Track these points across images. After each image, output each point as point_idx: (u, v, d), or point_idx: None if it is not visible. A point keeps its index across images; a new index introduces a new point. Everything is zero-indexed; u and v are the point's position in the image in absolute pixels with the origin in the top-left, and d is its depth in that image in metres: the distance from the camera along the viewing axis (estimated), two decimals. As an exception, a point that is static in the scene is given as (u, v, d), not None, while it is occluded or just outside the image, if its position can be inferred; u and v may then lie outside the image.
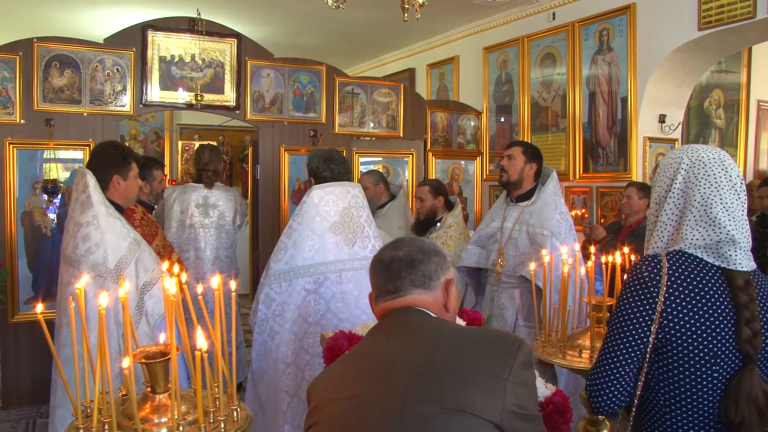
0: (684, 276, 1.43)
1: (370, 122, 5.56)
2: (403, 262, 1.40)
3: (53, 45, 4.42)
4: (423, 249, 1.43)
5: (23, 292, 4.35)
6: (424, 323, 1.35)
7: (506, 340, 1.27)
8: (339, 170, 2.91)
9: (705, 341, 1.40)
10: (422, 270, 1.40)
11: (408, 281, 1.39)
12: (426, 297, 1.39)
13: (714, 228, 1.44)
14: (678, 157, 1.54)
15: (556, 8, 5.48)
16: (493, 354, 1.23)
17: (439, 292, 1.41)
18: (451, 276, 1.45)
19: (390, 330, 1.36)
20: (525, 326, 3.25)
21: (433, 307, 1.39)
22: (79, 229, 2.51)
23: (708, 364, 1.40)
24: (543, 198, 3.29)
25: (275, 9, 5.91)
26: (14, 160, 4.30)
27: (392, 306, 1.39)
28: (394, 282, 1.40)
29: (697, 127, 5.97)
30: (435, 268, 1.41)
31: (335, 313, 2.74)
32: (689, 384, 1.42)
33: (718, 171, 1.48)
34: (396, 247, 1.44)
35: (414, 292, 1.39)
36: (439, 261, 1.43)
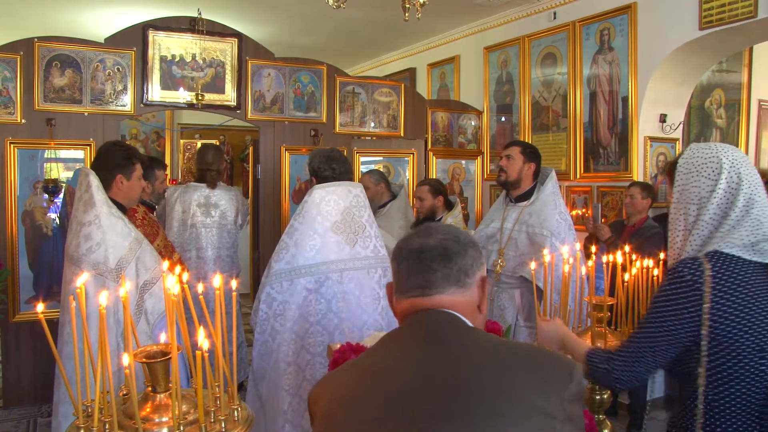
0: (727, 276, 1.48)
1: (371, 122, 5.56)
2: (435, 252, 1.18)
3: (54, 45, 4.43)
4: (459, 239, 1.21)
5: (24, 292, 4.36)
6: (459, 334, 1.14)
7: (557, 365, 1.08)
8: (340, 170, 2.91)
9: (752, 337, 1.45)
10: (458, 264, 1.18)
11: (441, 276, 1.17)
12: (460, 297, 1.18)
13: (755, 227, 1.50)
14: (714, 156, 1.57)
15: (557, 8, 5.47)
16: (541, 382, 1.04)
17: (475, 290, 1.20)
18: (485, 273, 1.25)
19: (416, 339, 1.15)
20: (525, 326, 3.25)
21: (466, 309, 1.19)
22: (81, 228, 2.53)
23: (756, 358, 1.45)
24: (542, 198, 3.29)
25: (276, 9, 5.91)
26: (15, 160, 4.31)
27: (420, 305, 1.18)
28: (425, 275, 1.17)
29: (698, 126, 5.97)
30: (471, 263, 1.20)
31: (336, 312, 2.74)
32: (737, 379, 1.47)
33: (753, 170, 1.55)
34: (427, 234, 1.22)
35: (448, 290, 1.17)
36: (475, 255, 1.21)
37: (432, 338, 1.13)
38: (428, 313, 1.17)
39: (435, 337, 1.13)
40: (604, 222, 4.62)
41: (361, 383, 1.14)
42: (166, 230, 4.20)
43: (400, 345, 1.16)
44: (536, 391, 1.02)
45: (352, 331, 2.72)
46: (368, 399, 1.09)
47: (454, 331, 1.14)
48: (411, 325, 1.18)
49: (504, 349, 1.12)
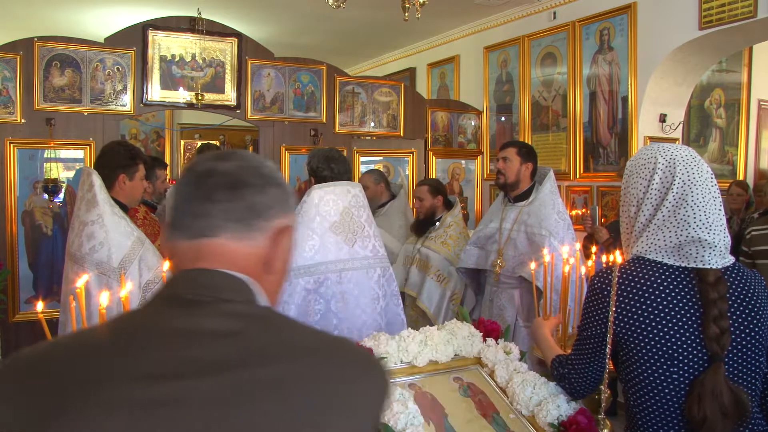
0: (634, 284, 1.44)
1: (371, 121, 5.56)
2: (222, 180, 0.88)
3: (54, 44, 4.43)
4: (261, 171, 0.92)
5: (24, 292, 4.36)
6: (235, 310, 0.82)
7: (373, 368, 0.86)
8: (339, 170, 2.91)
9: (659, 344, 1.40)
10: (249, 199, 0.88)
11: (221, 209, 0.87)
12: (239, 244, 0.87)
13: (680, 229, 1.43)
14: (651, 157, 1.51)
15: (557, 8, 5.47)
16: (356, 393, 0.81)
17: (265, 241, 0.90)
18: (289, 224, 0.93)
19: (171, 316, 0.81)
20: (525, 327, 3.25)
21: (248, 263, 0.88)
22: (84, 227, 2.54)
23: (666, 365, 1.40)
24: (540, 198, 3.29)
25: (276, 8, 5.91)
26: (15, 160, 4.31)
27: (184, 252, 0.88)
28: (200, 206, 0.87)
29: (698, 126, 5.97)
30: (270, 204, 0.90)
31: (335, 312, 2.74)
32: (651, 385, 1.43)
33: (692, 169, 1.46)
34: (224, 157, 0.92)
35: (223, 234, 0.86)
36: (279, 196, 0.92)
37: (196, 317, 0.80)
38: (191, 275, 0.86)
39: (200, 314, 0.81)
40: (603, 222, 4.62)
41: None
42: (166, 230, 4.20)
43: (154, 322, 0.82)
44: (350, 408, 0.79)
45: (351, 332, 2.72)
46: None
47: (232, 306, 0.83)
48: (172, 291, 0.86)
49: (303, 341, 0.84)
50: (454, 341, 1.87)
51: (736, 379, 1.41)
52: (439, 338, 1.84)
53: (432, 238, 3.94)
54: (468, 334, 1.91)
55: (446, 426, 1.62)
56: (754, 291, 1.45)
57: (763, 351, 1.45)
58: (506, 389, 1.76)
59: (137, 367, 0.75)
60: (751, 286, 1.45)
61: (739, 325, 1.41)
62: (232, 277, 0.86)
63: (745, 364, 1.42)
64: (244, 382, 0.74)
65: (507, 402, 1.73)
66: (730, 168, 6.18)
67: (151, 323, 0.81)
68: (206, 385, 0.73)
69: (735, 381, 1.41)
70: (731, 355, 1.41)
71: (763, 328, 1.44)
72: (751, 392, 1.43)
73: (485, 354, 1.86)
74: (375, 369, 0.86)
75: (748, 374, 1.42)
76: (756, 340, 1.42)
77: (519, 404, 1.70)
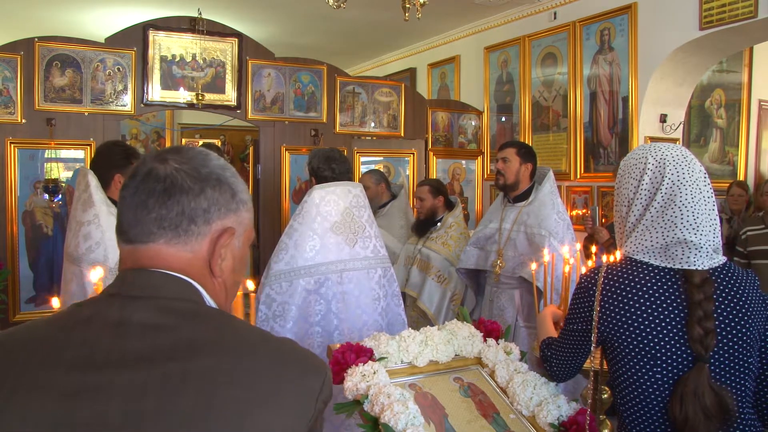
0: (619, 284, 1.45)
1: (371, 122, 5.56)
2: (157, 185, 0.87)
3: (54, 44, 4.43)
4: (199, 172, 0.89)
5: (24, 292, 4.36)
6: (168, 306, 0.84)
7: (309, 369, 0.85)
8: (340, 170, 2.90)
9: (642, 343, 1.41)
10: (183, 205, 0.87)
11: (155, 217, 0.86)
12: (176, 249, 0.87)
13: (667, 229, 1.42)
14: (642, 156, 1.50)
15: (557, 8, 5.47)
16: (284, 392, 0.81)
17: (204, 245, 0.89)
18: (230, 225, 0.91)
19: (107, 310, 0.83)
20: (525, 327, 3.25)
21: (187, 267, 0.88)
22: (80, 227, 2.54)
23: (649, 365, 1.41)
24: (540, 198, 3.29)
25: (276, 9, 5.91)
26: (15, 160, 4.31)
27: (126, 255, 0.90)
28: (135, 213, 0.87)
29: (698, 126, 5.97)
30: (207, 206, 0.88)
31: (336, 313, 2.74)
32: (635, 385, 1.44)
33: (683, 169, 1.45)
34: (161, 159, 0.90)
35: (158, 239, 0.87)
36: (219, 196, 0.90)
37: (127, 311, 0.82)
38: (128, 274, 0.87)
39: (131, 308, 0.82)
40: (604, 222, 4.62)
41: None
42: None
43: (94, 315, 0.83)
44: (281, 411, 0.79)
45: (352, 332, 2.71)
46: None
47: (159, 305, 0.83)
48: (113, 288, 0.87)
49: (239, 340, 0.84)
50: (454, 341, 1.87)
51: (723, 380, 1.41)
52: (440, 338, 1.84)
53: (433, 239, 3.94)
54: (468, 334, 1.91)
55: (446, 426, 1.62)
56: (744, 291, 1.44)
57: (753, 351, 1.44)
58: (507, 389, 1.76)
59: (68, 356, 0.78)
60: (741, 285, 1.44)
61: (726, 326, 1.41)
62: (171, 277, 0.87)
63: (734, 364, 1.41)
64: (167, 374, 0.76)
65: (507, 402, 1.73)
66: (731, 168, 6.17)
67: (87, 316, 0.83)
68: (128, 375, 0.76)
69: (723, 381, 1.40)
70: (718, 356, 1.40)
71: (753, 328, 1.43)
72: (740, 392, 1.42)
73: (486, 354, 1.86)
74: (311, 371, 0.85)
75: (737, 374, 1.42)
76: (745, 340, 1.42)
77: (519, 404, 1.70)
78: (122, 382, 0.75)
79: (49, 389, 0.76)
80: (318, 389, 0.84)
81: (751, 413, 1.45)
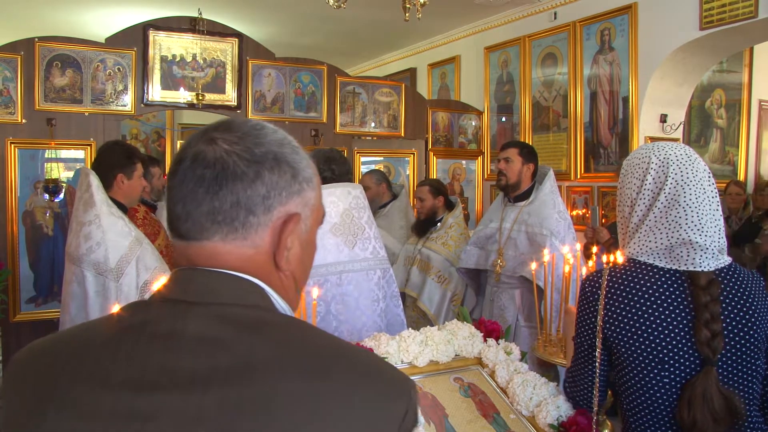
0: (624, 286, 1.42)
1: (372, 122, 5.56)
2: (205, 173, 0.74)
3: (55, 45, 4.43)
4: (253, 153, 0.75)
5: (25, 292, 4.36)
6: (227, 314, 0.72)
7: (391, 394, 0.72)
8: (340, 170, 2.90)
9: (650, 347, 1.38)
10: (238, 195, 0.74)
11: (203, 213, 0.74)
12: (233, 245, 0.75)
13: (672, 230, 1.40)
14: (645, 156, 1.48)
15: (558, 8, 5.47)
16: (365, 417, 0.69)
17: (266, 236, 0.76)
18: (295, 210, 0.78)
19: (159, 318, 0.73)
20: (526, 327, 3.25)
21: (247, 264, 0.76)
22: (81, 227, 2.54)
23: (657, 368, 1.38)
24: (541, 197, 3.29)
25: (276, 9, 5.91)
26: (16, 160, 4.31)
27: (180, 251, 0.79)
28: (184, 205, 0.75)
29: (699, 126, 5.97)
30: (266, 192, 0.75)
31: (335, 315, 2.74)
32: (642, 389, 1.41)
33: (686, 168, 1.43)
34: (209, 139, 0.77)
35: (212, 236, 0.75)
36: (279, 179, 0.76)
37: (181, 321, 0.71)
38: (183, 275, 0.76)
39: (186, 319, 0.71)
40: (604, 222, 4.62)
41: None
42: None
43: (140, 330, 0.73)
44: None
45: (351, 333, 2.71)
46: None
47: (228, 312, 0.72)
48: (169, 291, 0.77)
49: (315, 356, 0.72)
50: (454, 341, 1.87)
51: (731, 382, 1.39)
52: (440, 338, 1.84)
53: (433, 239, 3.94)
54: (468, 334, 1.91)
55: (447, 426, 1.62)
56: (750, 292, 1.42)
57: (761, 353, 1.42)
58: (507, 389, 1.76)
59: (115, 373, 0.70)
60: (748, 287, 1.42)
61: (733, 328, 1.39)
62: (233, 278, 0.75)
63: (741, 367, 1.40)
64: (222, 399, 0.66)
65: (507, 402, 1.73)
66: (731, 168, 6.17)
67: (138, 324, 0.73)
68: (180, 399, 0.67)
69: (730, 384, 1.39)
70: (725, 358, 1.38)
71: (760, 330, 1.41)
72: (747, 395, 1.40)
73: (486, 354, 1.86)
74: (393, 394, 0.71)
75: (744, 377, 1.40)
76: (752, 342, 1.40)
77: (519, 404, 1.70)
78: (174, 407, 0.66)
79: (93, 411, 0.68)
80: (401, 416, 0.70)
81: (758, 416, 1.44)
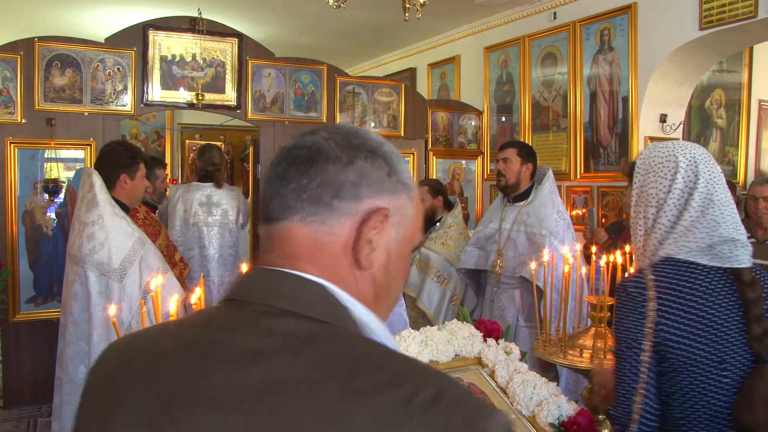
0: (673, 286, 1.37)
1: (371, 122, 5.56)
2: (299, 154, 0.73)
3: (54, 44, 4.42)
4: (349, 141, 0.74)
5: (24, 292, 4.36)
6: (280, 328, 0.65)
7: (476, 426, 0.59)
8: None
9: (709, 348, 1.34)
10: (325, 175, 0.71)
11: (292, 189, 0.72)
12: (311, 229, 0.71)
13: (711, 229, 1.39)
14: (671, 154, 1.47)
15: (557, 8, 5.47)
16: None
17: (349, 227, 0.71)
18: (383, 205, 0.73)
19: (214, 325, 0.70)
20: (526, 327, 3.26)
21: (324, 259, 0.71)
22: (84, 228, 2.53)
23: (716, 370, 1.34)
24: (540, 197, 3.29)
25: (276, 9, 5.91)
26: (15, 160, 4.30)
27: (264, 239, 0.76)
28: (274, 184, 0.74)
29: (698, 126, 5.97)
30: (357, 179, 0.71)
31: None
32: (702, 393, 1.35)
33: (713, 167, 1.44)
34: (311, 131, 0.78)
35: (292, 216, 0.71)
36: (372, 170, 0.73)
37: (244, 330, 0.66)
38: (253, 276, 0.73)
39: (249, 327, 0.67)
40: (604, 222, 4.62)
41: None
42: (168, 229, 4.22)
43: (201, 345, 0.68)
44: None
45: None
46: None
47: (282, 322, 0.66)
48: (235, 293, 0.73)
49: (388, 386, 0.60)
50: (454, 341, 1.87)
51: None
52: (440, 338, 1.84)
53: (432, 239, 3.94)
54: (468, 334, 1.91)
55: (447, 426, 1.62)
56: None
57: None
58: (507, 389, 1.76)
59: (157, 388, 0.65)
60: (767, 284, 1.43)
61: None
62: (296, 280, 0.69)
63: None
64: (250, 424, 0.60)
65: (507, 402, 1.73)
66: (731, 168, 6.18)
67: (204, 332, 0.69)
68: (205, 419, 0.61)
69: None
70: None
71: None
72: None
73: (486, 354, 1.86)
74: (478, 428, 0.59)
75: None
76: None
77: (519, 404, 1.70)
78: (197, 426, 0.61)
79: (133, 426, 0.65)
80: None
81: None
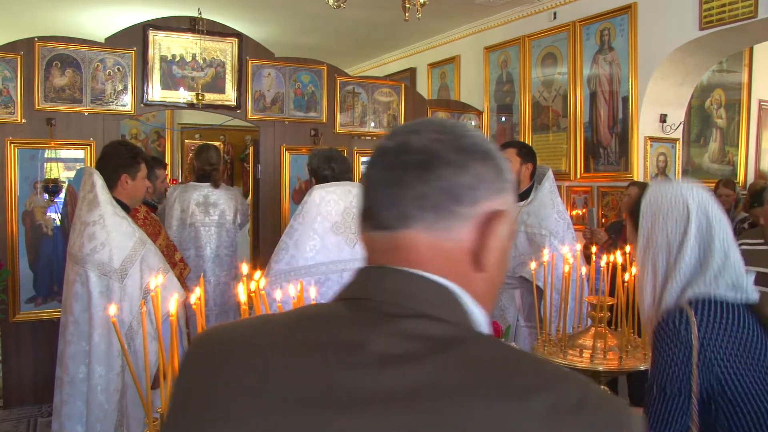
0: (716, 322, 1.38)
1: (371, 122, 5.56)
2: (413, 158, 0.70)
3: (54, 44, 4.42)
4: (461, 145, 0.71)
5: (24, 292, 4.35)
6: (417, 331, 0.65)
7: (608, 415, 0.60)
8: (340, 169, 2.91)
9: (753, 381, 1.36)
10: (445, 179, 0.69)
11: (412, 196, 0.69)
12: (436, 237, 0.70)
13: (734, 269, 1.43)
14: (680, 198, 1.46)
15: (557, 8, 5.47)
16: None
17: (470, 231, 0.70)
18: (501, 207, 0.72)
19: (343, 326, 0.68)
20: (526, 327, 3.26)
21: (446, 261, 0.70)
22: (85, 228, 2.53)
23: (761, 402, 1.35)
24: (540, 197, 3.29)
25: (276, 8, 5.91)
26: (15, 160, 4.30)
27: (373, 245, 0.74)
28: (388, 190, 0.71)
29: (698, 126, 5.97)
30: (473, 183, 0.70)
31: (336, 312, 2.74)
32: (758, 424, 1.35)
33: (716, 207, 1.47)
34: (413, 130, 0.73)
35: (416, 224, 0.69)
36: (486, 172, 0.71)
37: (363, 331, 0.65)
38: (372, 273, 0.72)
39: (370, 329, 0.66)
40: (604, 222, 4.62)
41: None
42: (166, 229, 4.22)
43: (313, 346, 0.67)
44: None
45: (353, 331, 2.72)
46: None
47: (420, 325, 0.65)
48: (348, 292, 0.73)
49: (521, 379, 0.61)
50: (455, 341, 1.87)
51: None
52: (440, 338, 1.84)
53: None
54: (469, 334, 1.91)
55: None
56: None
57: None
58: (507, 389, 1.76)
59: (284, 386, 0.63)
60: None
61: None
62: (426, 282, 0.69)
63: None
64: (406, 423, 0.58)
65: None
66: (731, 168, 6.18)
67: (322, 330, 0.68)
68: (352, 419, 0.59)
69: None
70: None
71: None
72: None
73: (486, 354, 1.86)
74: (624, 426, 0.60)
75: None
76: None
77: (520, 404, 1.69)
78: (344, 427, 0.59)
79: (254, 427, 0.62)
80: None
81: None
